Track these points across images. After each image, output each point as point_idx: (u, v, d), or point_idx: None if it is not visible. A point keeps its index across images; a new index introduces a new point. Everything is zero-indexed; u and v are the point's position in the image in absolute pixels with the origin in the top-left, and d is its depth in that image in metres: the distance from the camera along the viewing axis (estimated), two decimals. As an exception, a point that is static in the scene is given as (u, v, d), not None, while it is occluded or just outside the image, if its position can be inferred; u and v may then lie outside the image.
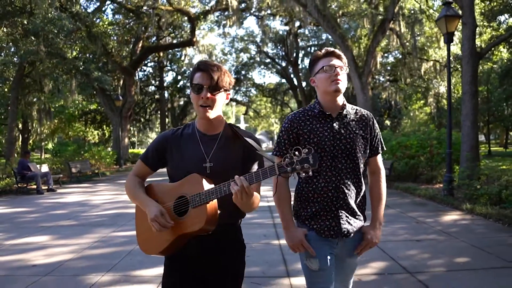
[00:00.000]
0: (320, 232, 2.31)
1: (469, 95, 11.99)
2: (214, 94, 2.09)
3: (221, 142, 2.18)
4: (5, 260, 5.62)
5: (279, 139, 2.41)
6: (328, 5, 23.25)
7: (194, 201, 1.99)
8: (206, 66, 2.09)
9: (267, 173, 1.86)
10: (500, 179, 9.57)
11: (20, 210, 10.29)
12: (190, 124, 2.28)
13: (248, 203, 1.98)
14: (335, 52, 2.36)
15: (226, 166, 2.11)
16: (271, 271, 4.82)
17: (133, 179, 2.28)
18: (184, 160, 2.14)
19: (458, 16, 10.38)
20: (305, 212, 2.37)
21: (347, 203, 2.32)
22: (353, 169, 2.34)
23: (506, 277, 4.52)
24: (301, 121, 2.37)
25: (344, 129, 2.35)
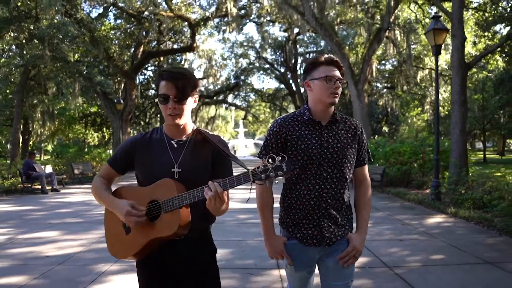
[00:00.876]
0: (302, 241, 2.33)
1: (458, 104, 12.50)
2: (181, 104, 2.08)
3: (189, 147, 2.18)
4: (20, 251, 6.12)
5: (267, 142, 2.39)
6: (326, 13, 23.85)
7: (166, 205, 1.99)
8: (170, 75, 2.08)
9: (241, 179, 1.87)
10: (484, 185, 10.08)
11: (27, 208, 10.78)
12: (158, 129, 2.28)
13: (220, 208, 1.99)
14: (337, 62, 2.33)
15: (194, 171, 2.12)
16: (262, 264, 5.32)
17: (99, 180, 2.26)
18: (152, 165, 2.13)
19: (446, 29, 10.93)
20: (289, 219, 2.38)
21: (329, 213, 2.32)
22: (339, 178, 2.33)
23: (476, 272, 5.02)
24: (290, 126, 2.36)
25: (333, 138, 2.34)
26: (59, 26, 16.14)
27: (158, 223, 2.00)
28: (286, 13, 25.14)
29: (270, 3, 27.07)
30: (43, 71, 20.18)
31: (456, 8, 12.50)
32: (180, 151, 2.15)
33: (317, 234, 2.31)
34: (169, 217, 1.97)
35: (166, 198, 1.99)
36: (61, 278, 4.85)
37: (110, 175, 2.28)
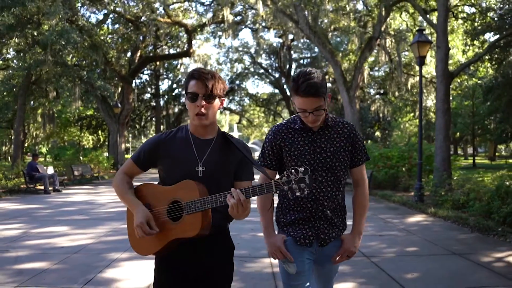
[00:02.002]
0: (296, 239, 2.39)
1: (442, 111, 13.24)
2: (209, 102, 2.13)
3: (214, 148, 2.21)
4: (36, 243, 6.77)
5: (264, 150, 2.48)
6: (320, 20, 24.59)
7: (189, 208, 2.04)
8: (200, 75, 2.12)
9: (264, 189, 1.91)
10: (463, 187, 10.80)
11: (33, 206, 11.41)
12: (183, 127, 2.30)
13: (242, 215, 2.04)
14: (314, 93, 2.23)
15: (218, 171, 2.15)
16: (255, 254, 6.00)
17: (122, 177, 2.29)
18: (176, 162, 2.16)
19: (429, 42, 11.67)
20: (285, 219, 2.45)
21: (326, 215, 2.40)
22: (334, 181, 2.40)
23: (443, 261, 5.71)
24: (284, 134, 2.42)
25: (325, 142, 2.40)
26: (62, 32, 16.76)
27: (181, 224, 2.06)
28: (281, 20, 25.84)
29: (265, 10, 27.76)
30: (43, 76, 20.79)
31: (441, 20, 13.27)
32: (205, 150, 2.19)
33: (311, 235, 2.38)
34: (191, 219, 2.03)
35: (189, 199, 2.04)
36: (79, 263, 5.51)
37: (133, 171, 2.31)
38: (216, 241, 2.20)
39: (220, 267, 2.22)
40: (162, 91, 43.88)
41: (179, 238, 2.06)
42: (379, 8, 21.88)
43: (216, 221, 2.11)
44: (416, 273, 5.14)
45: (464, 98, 38.02)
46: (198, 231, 2.01)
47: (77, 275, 4.95)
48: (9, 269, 5.22)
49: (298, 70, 22.45)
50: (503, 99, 30.39)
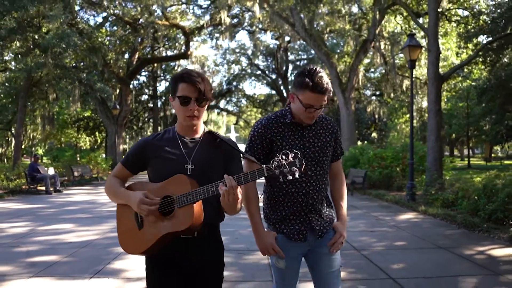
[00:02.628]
0: (289, 236, 2.42)
1: (433, 113, 13.63)
2: (201, 106, 2.17)
3: (202, 145, 2.24)
4: (44, 239, 7.12)
5: (251, 143, 2.48)
6: (316, 23, 25.01)
7: (180, 201, 2.02)
8: (191, 78, 2.13)
9: (256, 175, 1.92)
10: (453, 186, 11.20)
11: (37, 206, 11.75)
12: (170, 129, 2.32)
13: (233, 205, 2.02)
14: (326, 91, 2.32)
15: (207, 168, 2.17)
16: (252, 247, 6.36)
17: (113, 179, 2.31)
18: (165, 162, 2.17)
19: (420, 46, 12.11)
20: (275, 215, 2.47)
21: (315, 207, 2.44)
22: (322, 175, 2.47)
23: (429, 254, 6.09)
24: (274, 128, 2.44)
25: (313, 138, 2.46)
26: (62, 36, 17.12)
27: (172, 218, 2.04)
28: (277, 23, 26.23)
29: (262, 13, 28.12)
30: (44, 78, 21.12)
31: (432, 25, 13.67)
32: (193, 148, 2.21)
33: (304, 229, 2.41)
34: (183, 212, 2.01)
35: (180, 193, 2.03)
36: (87, 256, 5.87)
37: (123, 175, 2.33)
38: (207, 241, 2.20)
39: (211, 266, 2.23)
40: (160, 93, 44.18)
41: (171, 233, 2.03)
42: (374, 11, 22.29)
43: (208, 218, 2.10)
44: (402, 264, 5.52)
45: (459, 99, 38.45)
46: (190, 223, 1.99)
47: (87, 267, 5.31)
48: (23, 262, 5.58)
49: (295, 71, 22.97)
50: (496, 101, 30.78)
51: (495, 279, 4.85)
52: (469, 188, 10.05)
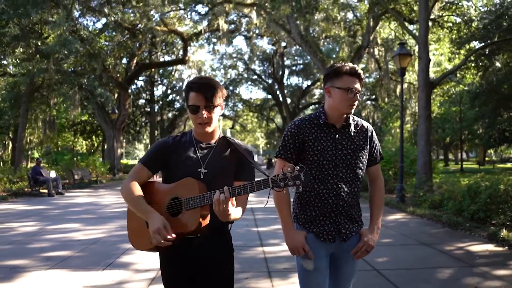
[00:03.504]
0: (319, 235, 2.43)
1: (424, 118, 14.19)
2: (210, 112, 2.23)
3: (216, 151, 2.31)
4: (54, 237, 7.61)
5: (285, 143, 2.50)
6: (312, 29, 25.59)
7: (188, 203, 2.10)
8: (200, 87, 2.21)
9: (261, 185, 1.98)
10: (441, 188, 11.73)
11: (41, 207, 12.21)
12: (188, 133, 2.40)
13: (223, 215, 2.06)
14: (360, 74, 2.41)
15: (219, 174, 2.24)
16: (250, 244, 6.88)
17: (133, 185, 2.28)
18: (181, 165, 2.25)
19: (410, 54, 12.64)
20: (305, 215, 2.49)
21: (346, 210, 2.45)
22: (353, 178, 2.46)
23: (412, 250, 6.61)
24: (307, 128, 2.47)
25: (346, 140, 2.47)
26: (65, 43, 17.64)
27: (180, 219, 2.13)
28: (274, 29, 26.80)
29: (259, 19, 28.66)
30: (46, 83, 21.62)
31: (422, 33, 14.25)
32: (208, 153, 2.30)
33: (333, 230, 2.43)
34: (190, 214, 2.10)
35: (188, 196, 2.11)
36: (97, 252, 6.37)
37: (143, 176, 2.33)
38: (215, 242, 2.26)
39: (219, 268, 2.28)
40: (157, 97, 44.67)
41: (177, 233, 2.08)
42: (368, 18, 22.88)
43: (215, 221, 2.15)
44: (387, 258, 6.03)
45: (452, 104, 39.04)
46: (197, 225, 2.07)
47: (98, 260, 5.80)
48: (38, 256, 6.07)
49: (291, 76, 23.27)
50: (489, 105, 31.36)
51: (469, 270, 5.36)
52: (455, 190, 10.58)
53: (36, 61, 19.09)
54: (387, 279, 5.04)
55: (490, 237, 7.32)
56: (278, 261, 5.79)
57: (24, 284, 4.77)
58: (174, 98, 46.23)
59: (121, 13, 22.18)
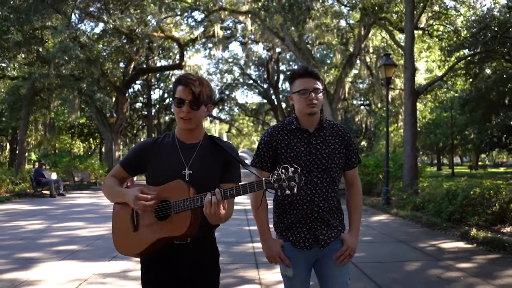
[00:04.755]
0: (295, 243, 2.42)
1: (409, 125, 14.89)
2: (194, 109, 2.15)
3: (200, 151, 2.23)
4: (61, 233, 8.25)
5: (259, 151, 2.49)
6: (306, 36, 26.28)
7: (177, 206, 2.02)
8: (188, 81, 2.14)
9: (254, 187, 1.92)
10: (423, 191, 12.42)
11: (45, 207, 12.84)
12: (170, 133, 2.33)
13: (214, 218, 2.00)
14: (311, 72, 2.42)
15: (205, 174, 2.17)
16: (241, 240, 7.55)
17: (111, 178, 2.33)
18: (163, 167, 2.18)
19: (395, 65, 13.36)
20: (282, 223, 2.47)
21: (322, 216, 2.41)
22: (330, 183, 2.43)
23: (389, 246, 7.28)
24: (280, 135, 2.45)
25: (321, 144, 2.43)
26: (66, 49, 18.30)
27: (168, 223, 2.05)
28: (268, 36, 27.52)
29: (254, 26, 29.35)
30: (46, 87, 22.27)
31: (408, 44, 14.99)
32: (191, 154, 2.21)
33: (309, 237, 2.41)
34: (179, 218, 2.02)
35: (177, 199, 2.03)
36: (103, 246, 7.02)
37: (121, 176, 2.35)
38: (201, 246, 2.21)
39: (205, 273, 2.23)
40: (154, 101, 45.24)
41: (166, 237, 2.05)
42: (359, 27, 23.61)
43: (203, 227, 2.11)
44: (364, 253, 6.68)
45: (443, 109, 39.81)
46: (186, 229, 2.00)
47: (104, 253, 6.45)
48: (49, 250, 6.71)
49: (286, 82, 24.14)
50: (478, 112, 32.10)
51: (435, 263, 6.03)
52: (436, 193, 11.27)
53: (37, 66, 19.74)
54: (362, 271, 5.69)
55: (462, 236, 8.00)
56: (266, 255, 6.44)
57: (41, 272, 5.41)
58: (171, 102, 46.76)
59: (119, 20, 22.79)
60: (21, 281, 4.96)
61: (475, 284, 5.01)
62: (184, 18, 31.74)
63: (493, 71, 24.61)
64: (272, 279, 5.16)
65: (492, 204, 9.21)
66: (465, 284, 5.01)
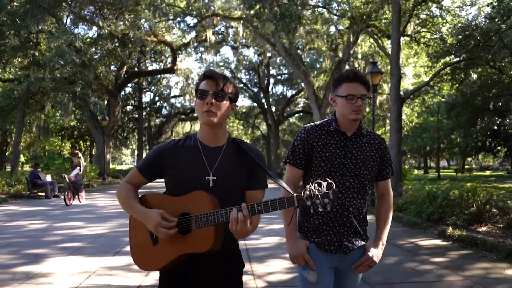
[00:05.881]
0: (320, 246, 2.36)
1: (395, 130, 15.53)
2: (218, 100, 2.02)
3: (225, 156, 2.09)
4: (63, 232, 8.73)
5: (294, 148, 2.45)
6: (296, 41, 26.89)
7: (200, 221, 1.91)
8: (212, 74, 2.05)
9: (285, 203, 1.79)
10: (407, 193, 13.04)
11: (43, 208, 13.27)
12: (192, 135, 2.18)
13: (240, 234, 1.93)
14: (362, 78, 2.38)
15: (229, 181, 2.04)
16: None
17: (126, 186, 2.17)
18: (185, 172, 2.04)
19: (381, 72, 13.99)
20: (308, 224, 2.42)
21: (350, 221, 2.37)
22: (360, 189, 2.38)
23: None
24: (317, 134, 2.42)
25: (357, 149, 2.40)
26: (62, 54, 18.75)
27: (191, 238, 1.94)
28: (259, 42, 28.12)
29: (245, 32, 29.90)
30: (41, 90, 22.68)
31: (394, 53, 15.64)
32: (216, 159, 2.08)
33: (335, 241, 2.35)
34: (203, 233, 1.91)
35: (200, 212, 1.91)
36: (105, 243, 7.51)
37: (137, 181, 2.20)
38: (225, 258, 2.08)
39: (228, 285, 2.12)
40: (145, 104, 45.65)
41: (188, 253, 1.95)
42: (348, 33, 24.29)
43: (228, 238, 2.00)
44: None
45: (430, 114, 40.61)
46: (210, 246, 1.89)
47: (108, 249, 6.95)
48: (55, 247, 7.20)
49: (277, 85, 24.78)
50: (463, 116, 32.89)
51: (411, 258, 6.61)
52: (417, 195, 11.88)
53: (33, 70, 20.15)
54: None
55: (439, 234, 8.61)
56: (257, 251, 6.96)
57: (51, 265, 5.89)
58: (162, 105, 47.33)
59: (114, 25, 23.26)
60: (34, 273, 5.44)
61: (445, 275, 5.60)
62: (177, 23, 32.27)
63: (478, 77, 25.23)
64: (263, 271, 5.69)
65: (470, 205, 9.83)
66: (437, 275, 5.60)
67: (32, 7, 19.07)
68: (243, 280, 2.22)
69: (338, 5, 22.86)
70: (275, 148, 42.96)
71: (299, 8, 20.52)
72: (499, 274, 5.67)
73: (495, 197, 9.98)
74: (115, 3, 23.32)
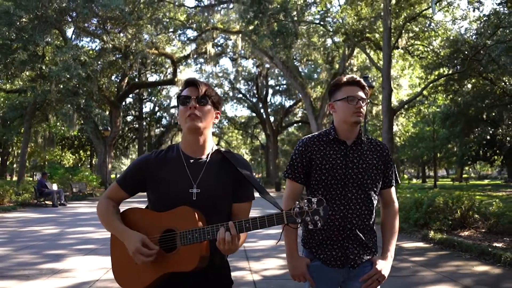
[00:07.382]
0: (326, 262, 2.28)
1: (387, 140, 16.29)
2: (201, 104, 1.95)
3: (209, 167, 1.99)
4: (76, 236, 9.47)
5: (293, 162, 2.38)
6: (294, 53, 27.74)
7: (185, 238, 1.81)
8: (194, 80, 1.99)
9: (274, 221, 1.75)
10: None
11: (51, 215, 14.01)
12: (174, 146, 2.08)
13: (228, 251, 1.80)
14: (360, 82, 2.32)
15: (214, 193, 1.94)
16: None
17: (106, 202, 2.06)
18: (168, 185, 1.95)
19: (372, 86, 14.79)
20: (313, 240, 2.34)
21: (355, 234, 2.27)
22: (364, 199, 2.28)
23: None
24: (315, 146, 2.34)
25: (358, 158, 2.30)
26: (68, 68, 19.60)
27: (175, 256, 1.85)
28: (258, 55, 29.00)
29: (244, 44, 30.74)
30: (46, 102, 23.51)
31: (385, 67, 16.46)
32: (199, 170, 1.97)
33: (341, 256, 2.27)
34: (188, 251, 1.83)
35: (185, 229, 1.82)
36: (116, 245, 8.21)
37: (118, 196, 2.09)
38: (213, 276, 1.99)
39: None
40: (145, 114, 46.44)
41: (173, 272, 1.87)
42: (343, 47, 25.16)
43: (213, 253, 1.90)
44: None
45: (426, 124, 41.35)
46: (196, 265, 1.82)
47: (120, 250, 7.65)
48: (71, 248, 7.93)
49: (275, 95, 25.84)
50: (458, 126, 33.59)
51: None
52: (405, 201, 12.62)
53: (40, 83, 21.00)
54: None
55: (423, 238, 9.37)
56: (254, 251, 7.70)
57: (71, 263, 6.63)
58: (162, 115, 48.16)
59: (117, 39, 24.13)
60: (58, 269, 6.18)
61: (420, 270, 6.36)
62: (177, 35, 33.15)
63: (472, 88, 25.93)
64: (259, 267, 6.42)
65: (455, 211, 10.58)
66: (412, 271, 6.36)
67: (40, 22, 19.94)
68: (240, 275, 2.28)
69: (332, 21, 23.71)
70: (273, 157, 43.68)
71: (295, 24, 21.38)
72: (467, 270, 6.42)
73: (477, 204, 10.74)
74: (118, 18, 24.18)
